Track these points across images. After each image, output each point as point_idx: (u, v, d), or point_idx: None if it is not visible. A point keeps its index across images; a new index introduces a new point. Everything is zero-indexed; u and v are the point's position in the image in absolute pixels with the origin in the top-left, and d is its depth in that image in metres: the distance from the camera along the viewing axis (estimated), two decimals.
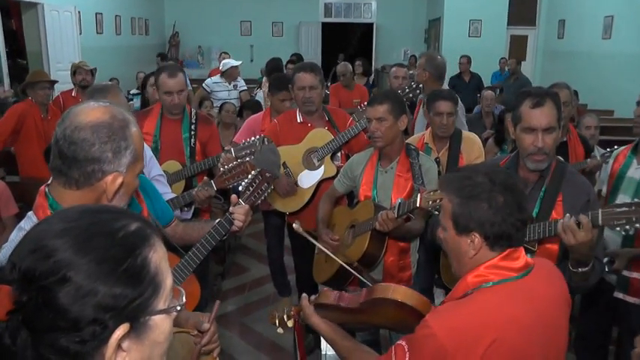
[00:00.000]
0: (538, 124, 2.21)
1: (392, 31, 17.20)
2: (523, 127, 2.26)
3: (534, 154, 2.25)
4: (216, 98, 7.14)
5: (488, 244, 1.54)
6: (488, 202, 1.52)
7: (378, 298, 1.69)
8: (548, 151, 2.24)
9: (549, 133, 2.22)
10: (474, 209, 1.53)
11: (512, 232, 1.53)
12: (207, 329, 1.62)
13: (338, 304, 1.82)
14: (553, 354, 1.58)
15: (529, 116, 2.23)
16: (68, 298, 0.79)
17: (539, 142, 2.22)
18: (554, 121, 2.23)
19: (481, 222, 1.52)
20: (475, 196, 1.54)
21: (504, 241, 1.54)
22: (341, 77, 6.74)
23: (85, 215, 0.89)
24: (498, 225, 1.52)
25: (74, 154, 1.43)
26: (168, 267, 0.92)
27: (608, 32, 10.83)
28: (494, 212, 1.52)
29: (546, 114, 2.22)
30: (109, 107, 1.50)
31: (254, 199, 2.32)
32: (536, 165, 2.27)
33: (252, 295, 5.00)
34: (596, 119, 4.58)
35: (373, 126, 2.89)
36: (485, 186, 1.54)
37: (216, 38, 16.18)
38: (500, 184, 1.54)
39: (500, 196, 1.53)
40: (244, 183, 2.32)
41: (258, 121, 4.20)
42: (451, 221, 1.59)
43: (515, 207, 1.54)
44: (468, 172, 1.63)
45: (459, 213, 1.56)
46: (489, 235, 1.53)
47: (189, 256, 2.21)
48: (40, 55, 9.66)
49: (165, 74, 3.40)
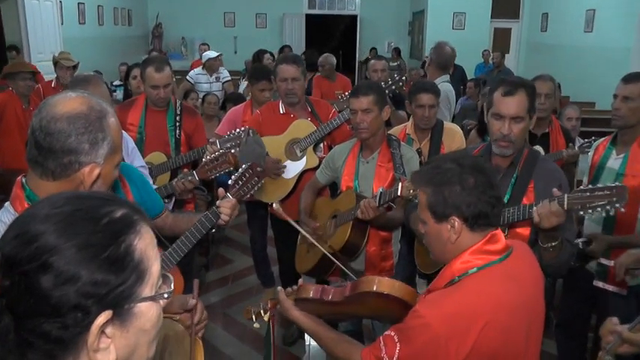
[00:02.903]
0: (507, 111, 2.29)
1: (376, 24, 17.20)
2: (493, 112, 2.34)
3: (500, 140, 2.33)
4: (199, 90, 7.10)
5: (468, 226, 1.57)
6: (460, 185, 1.56)
7: (364, 292, 1.69)
8: (514, 139, 2.31)
9: (517, 122, 2.29)
10: (447, 194, 1.56)
11: (488, 209, 1.57)
12: (195, 305, 1.60)
13: (321, 298, 1.81)
14: (534, 330, 1.64)
15: (499, 103, 2.31)
16: (49, 283, 0.79)
17: (505, 129, 2.29)
18: (523, 111, 2.30)
19: (457, 205, 1.56)
20: (446, 182, 1.57)
21: (482, 219, 1.57)
22: (320, 68, 6.73)
23: (70, 201, 0.88)
24: (474, 205, 1.55)
25: (50, 145, 1.42)
26: (156, 254, 0.91)
27: (590, 26, 10.93)
28: (468, 193, 1.56)
29: (516, 103, 2.28)
30: (86, 98, 1.48)
31: (243, 193, 2.28)
32: (500, 150, 2.35)
33: (235, 286, 5.00)
34: (578, 111, 4.63)
35: (359, 117, 2.89)
36: (455, 170, 1.58)
37: (200, 30, 16.05)
38: (469, 166, 1.59)
39: (470, 177, 1.57)
40: (234, 177, 2.28)
41: (239, 113, 4.19)
42: (428, 212, 1.62)
43: (487, 185, 1.58)
44: (436, 162, 1.67)
45: (434, 201, 1.59)
46: (467, 215, 1.56)
47: (173, 248, 2.18)
48: (21, 45, 9.52)
49: (152, 68, 3.36)
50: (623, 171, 2.81)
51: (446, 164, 1.61)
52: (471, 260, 1.57)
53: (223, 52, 7.83)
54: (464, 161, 1.61)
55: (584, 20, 11.09)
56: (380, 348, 1.58)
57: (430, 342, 1.46)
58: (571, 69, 11.08)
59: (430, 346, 1.47)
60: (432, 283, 1.67)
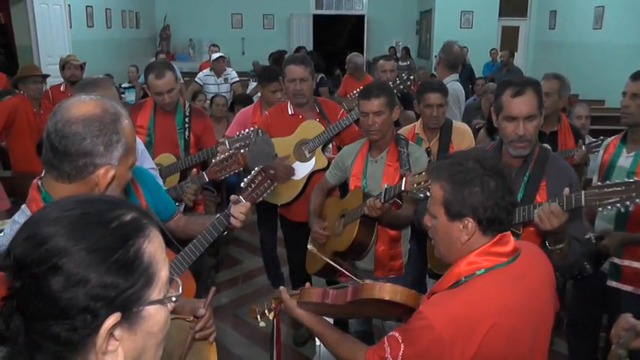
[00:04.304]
0: (519, 112, 2.26)
1: (383, 23, 17.17)
2: (505, 115, 2.31)
3: (516, 142, 2.30)
4: (207, 92, 7.12)
5: (481, 229, 1.56)
6: (481, 187, 1.54)
7: (365, 299, 1.67)
8: (530, 138, 2.29)
9: (530, 120, 2.27)
10: (467, 195, 1.54)
11: (503, 216, 1.56)
12: (203, 315, 1.62)
13: (323, 302, 1.80)
14: (542, 334, 1.62)
15: (510, 105, 2.28)
16: (59, 285, 0.79)
17: (520, 130, 2.26)
18: (535, 109, 2.28)
19: (474, 207, 1.54)
20: (468, 182, 1.55)
21: (496, 225, 1.56)
22: (346, 67, 6.87)
23: (80, 204, 0.88)
24: (491, 209, 1.53)
25: (65, 148, 1.43)
26: (164, 258, 0.92)
27: (599, 23, 10.86)
28: (487, 196, 1.53)
29: (527, 102, 2.26)
30: (100, 100, 1.50)
31: (256, 196, 2.26)
32: (518, 152, 2.32)
33: (245, 287, 5.01)
34: (587, 109, 4.61)
35: (370, 119, 2.88)
36: (477, 171, 1.55)
37: (207, 31, 16.08)
38: (491, 169, 1.56)
39: (492, 180, 1.54)
40: (246, 180, 2.27)
41: (248, 114, 4.19)
42: (443, 208, 1.59)
43: (506, 190, 1.56)
44: (457, 159, 1.64)
45: (451, 199, 1.57)
46: (482, 219, 1.54)
47: (185, 252, 2.18)
48: (30, 49, 9.59)
49: (153, 75, 3.34)
50: (634, 169, 2.79)
51: (468, 163, 1.58)
52: (478, 261, 1.55)
53: (231, 53, 7.86)
54: (486, 162, 1.58)
55: (593, 17, 11.02)
56: (384, 349, 1.57)
57: (434, 344, 1.45)
58: (580, 66, 11.00)
59: (434, 348, 1.46)
60: (436, 284, 1.65)
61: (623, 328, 1.81)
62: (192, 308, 1.65)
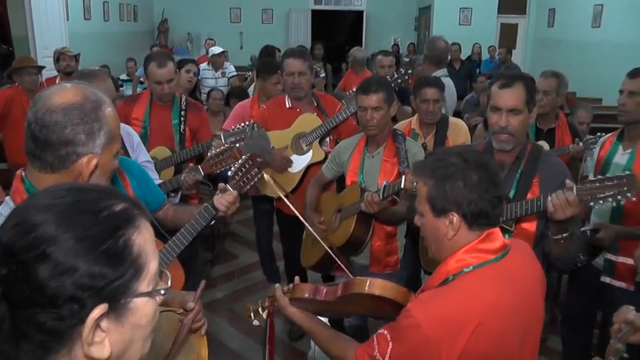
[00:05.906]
0: (503, 104, 2.28)
1: (382, 19, 17.15)
2: (491, 105, 2.34)
3: (498, 133, 2.31)
4: (204, 86, 7.11)
5: (466, 223, 1.54)
6: (463, 181, 1.53)
7: (355, 294, 1.67)
8: (512, 132, 2.29)
9: (515, 114, 2.28)
10: (449, 189, 1.53)
11: (489, 209, 1.54)
12: (192, 308, 1.61)
13: (314, 298, 1.79)
14: (532, 333, 1.61)
15: (496, 96, 2.31)
16: (46, 273, 0.78)
17: (502, 122, 2.28)
18: (521, 104, 2.28)
19: (458, 201, 1.53)
20: (449, 176, 1.54)
21: (482, 219, 1.54)
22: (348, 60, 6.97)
23: (71, 193, 0.87)
24: (475, 203, 1.52)
25: (46, 138, 1.41)
26: (154, 249, 0.91)
27: (598, 21, 10.87)
28: (470, 190, 1.52)
29: (513, 95, 2.27)
30: (81, 88, 1.47)
31: (243, 184, 2.25)
32: (500, 145, 2.33)
33: (241, 281, 5.01)
34: (590, 115, 4.53)
35: (369, 115, 2.88)
36: (459, 165, 1.55)
37: (206, 25, 16.01)
38: (473, 163, 1.55)
39: (474, 174, 1.53)
40: (233, 168, 2.26)
41: (246, 108, 4.19)
42: (428, 204, 1.59)
43: (490, 183, 1.55)
44: (440, 155, 1.64)
45: (435, 195, 1.56)
46: (467, 213, 1.53)
47: (172, 241, 2.16)
48: (27, 40, 9.53)
49: (154, 63, 3.37)
50: (631, 166, 2.79)
51: (450, 158, 1.57)
52: (465, 259, 1.54)
53: (229, 47, 7.84)
54: (469, 156, 1.57)
55: (592, 15, 11.03)
56: (373, 346, 1.56)
57: (420, 343, 1.44)
58: (578, 65, 11.00)
59: (421, 346, 1.45)
60: (426, 282, 1.65)
61: (623, 321, 1.80)
62: (181, 301, 1.64)
